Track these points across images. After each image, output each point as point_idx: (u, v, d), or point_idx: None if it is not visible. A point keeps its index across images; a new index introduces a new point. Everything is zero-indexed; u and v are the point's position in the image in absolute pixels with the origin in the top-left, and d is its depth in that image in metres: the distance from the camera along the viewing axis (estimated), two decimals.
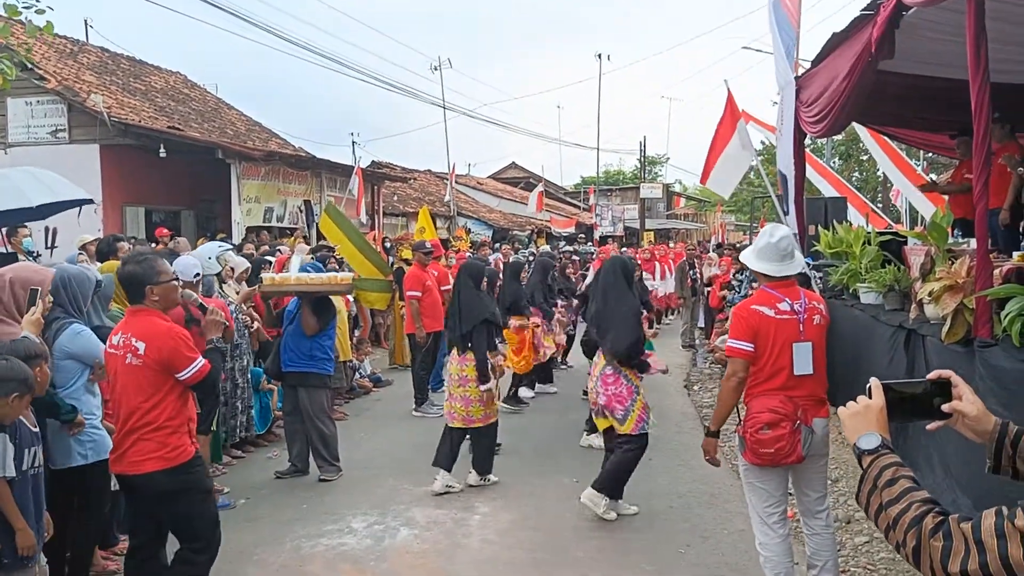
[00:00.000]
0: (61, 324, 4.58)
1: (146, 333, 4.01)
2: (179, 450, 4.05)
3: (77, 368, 4.60)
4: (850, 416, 1.86)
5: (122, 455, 4.07)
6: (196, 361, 4.06)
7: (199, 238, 14.31)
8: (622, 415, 5.94)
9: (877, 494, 1.68)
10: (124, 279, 4.20)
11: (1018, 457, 1.83)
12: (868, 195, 27.12)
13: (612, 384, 5.99)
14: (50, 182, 9.12)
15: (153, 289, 4.10)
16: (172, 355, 4.00)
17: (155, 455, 3.99)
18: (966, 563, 1.47)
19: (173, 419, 4.04)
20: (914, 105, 9.19)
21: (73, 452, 4.54)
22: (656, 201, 43.34)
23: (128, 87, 18.72)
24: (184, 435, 4.10)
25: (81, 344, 4.58)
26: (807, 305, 4.41)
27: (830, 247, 8.74)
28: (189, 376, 4.05)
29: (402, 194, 28.31)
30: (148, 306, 4.13)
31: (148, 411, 4.00)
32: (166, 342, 3.99)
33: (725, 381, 4.53)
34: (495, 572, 5.19)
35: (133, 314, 4.16)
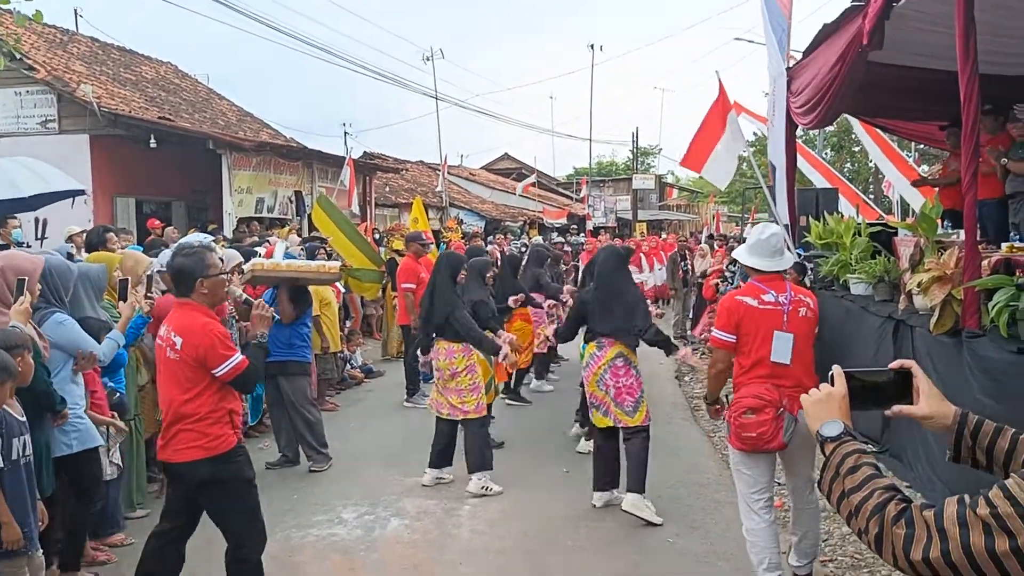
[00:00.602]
0: (43, 314, 4.58)
1: (184, 328, 4.00)
2: (220, 439, 4.05)
3: (61, 358, 4.59)
4: (813, 403, 1.86)
5: (167, 444, 4.11)
6: (231, 358, 4.03)
7: (190, 229, 14.27)
8: (632, 407, 5.91)
9: (839, 481, 1.69)
10: (174, 271, 4.15)
11: (977, 448, 1.83)
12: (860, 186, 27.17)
13: (623, 376, 5.94)
14: (43, 172, 9.10)
15: (203, 282, 4.09)
16: (207, 352, 3.97)
17: (196, 444, 4.02)
18: (928, 551, 1.47)
19: (213, 411, 4.05)
20: (905, 96, 9.20)
21: (58, 442, 4.54)
22: (649, 192, 43.39)
23: (118, 77, 18.63)
24: (226, 425, 4.10)
25: (63, 334, 4.57)
26: (792, 298, 4.53)
27: (821, 238, 8.76)
28: (224, 373, 4.02)
29: (394, 185, 28.26)
30: (196, 299, 4.10)
31: (185, 403, 4.02)
32: (202, 339, 3.97)
33: (709, 369, 4.79)
34: (485, 562, 5.21)
35: (179, 307, 4.15)
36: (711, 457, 7.47)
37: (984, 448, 1.82)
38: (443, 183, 28.17)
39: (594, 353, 6.07)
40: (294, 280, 7.03)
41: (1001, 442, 1.80)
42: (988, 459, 1.82)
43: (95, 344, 4.79)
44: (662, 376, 11.09)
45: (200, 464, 4.02)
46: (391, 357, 12.68)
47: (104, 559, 5.13)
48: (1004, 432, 1.81)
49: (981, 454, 1.83)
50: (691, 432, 8.40)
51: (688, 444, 7.89)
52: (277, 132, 24.12)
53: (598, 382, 5.99)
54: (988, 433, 1.82)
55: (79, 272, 4.96)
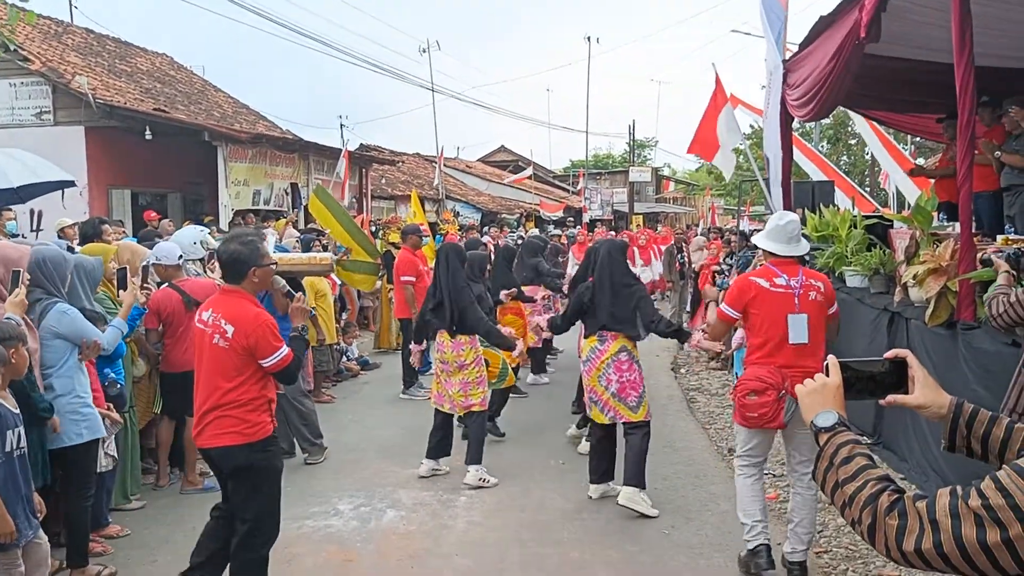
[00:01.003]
0: (45, 305, 4.59)
1: (236, 317, 4.03)
2: (258, 427, 4.12)
3: (66, 348, 4.63)
4: (807, 394, 1.86)
5: (203, 430, 4.14)
6: (280, 350, 4.09)
7: (185, 221, 14.24)
8: (636, 402, 5.89)
9: (833, 472, 1.69)
10: (228, 258, 4.16)
11: (972, 437, 1.84)
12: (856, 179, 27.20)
13: (627, 370, 5.92)
14: (33, 164, 9.06)
15: (256, 271, 4.15)
16: (259, 342, 4.02)
17: (234, 430, 4.07)
18: (920, 542, 1.48)
19: (255, 399, 4.11)
20: (902, 89, 9.20)
21: (70, 432, 4.56)
22: (645, 185, 43.36)
23: (113, 69, 18.55)
24: (264, 413, 4.16)
25: (67, 324, 4.60)
26: (803, 281, 4.70)
27: (816, 230, 8.76)
28: (272, 364, 4.08)
29: (390, 177, 28.21)
30: (245, 287, 4.15)
31: (230, 391, 4.06)
32: (254, 329, 4.02)
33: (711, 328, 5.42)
34: (481, 553, 5.21)
35: (226, 294, 4.18)
36: (707, 449, 7.49)
37: (979, 437, 1.82)
38: (439, 176, 28.13)
39: (595, 347, 6.01)
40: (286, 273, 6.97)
41: (996, 431, 1.80)
42: (983, 448, 1.82)
43: (99, 333, 4.83)
44: (658, 368, 11.11)
45: (237, 450, 4.09)
46: (386, 349, 12.67)
47: (100, 550, 5.12)
48: (999, 421, 1.81)
49: (976, 443, 1.83)
50: (687, 424, 8.41)
51: (684, 436, 7.90)
52: (273, 124, 24.05)
53: (599, 377, 5.94)
54: (983, 422, 1.82)
55: (75, 263, 4.95)
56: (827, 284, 4.82)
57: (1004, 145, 7.15)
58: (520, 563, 5.06)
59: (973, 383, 5.08)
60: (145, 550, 5.26)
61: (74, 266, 4.89)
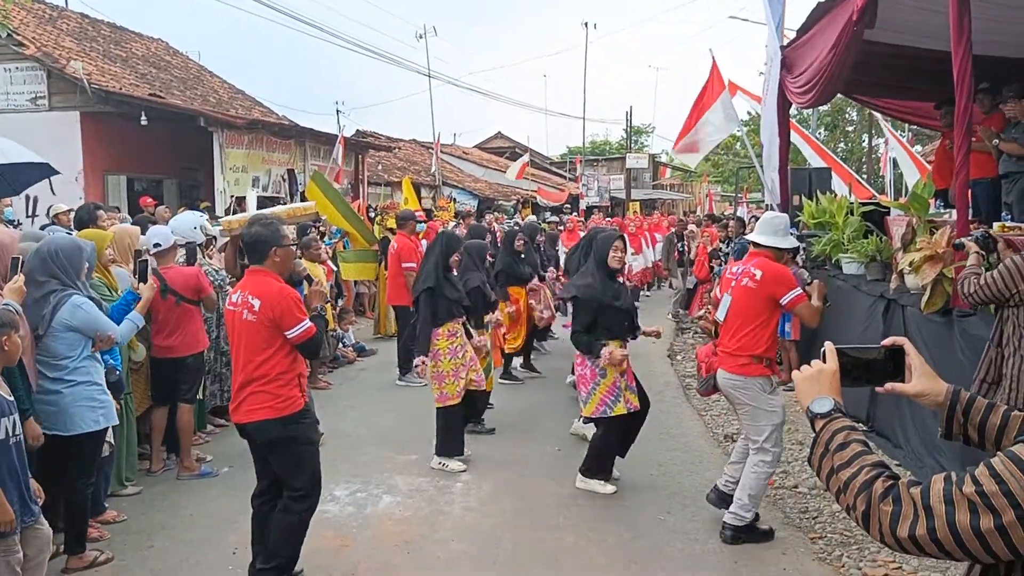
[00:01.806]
0: (60, 297, 4.56)
1: (262, 292, 4.21)
2: (290, 401, 4.27)
3: (79, 340, 4.64)
4: (803, 380, 1.86)
5: (239, 405, 4.31)
6: (303, 322, 4.24)
7: (181, 207, 14.21)
8: (585, 397, 5.94)
9: (829, 458, 1.69)
10: (251, 240, 4.33)
11: (969, 424, 1.84)
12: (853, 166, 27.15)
13: (579, 365, 6.02)
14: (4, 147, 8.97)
15: (277, 251, 4.32)
16: (284, 313, 4.18)
17: (267, 405, 4.23)
18: (914, 528, 1.48)
19: (285, 373, 4.25)
20: (901, 76, 9.18)
21: (87, 419, 4.59)
22: (642, 171, 43.29)
23: (109, 54, 18.47)
24: (295, 387, 4.31)
25: (82, 318, 4.60)
26: (745, 269, 5.10)
27: (813, 217, 8.77)
28: (296, 335, 4.22)
29: (387, 163, 28.15)
30: (268, 267, 4.33)
31: (260, 364, 4.22)
32: (279, 301, 4.18)
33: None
34: (476, 539, 5.22)
35: (252, 274, 4.36)
36: (702, 436, 7.50)
37: (976, 425, 1.82)
38: (436, 162, 28.07)
39: None
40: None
41: (993, 419, 1.80)
42: (980, 436, 1.83)
43: (113, 326, 4.85)
44: (654, 355, 11.11)
45: (270, 424, 4.24)
46: (383, 336, 12.67)
47: (97, 536, 5.13)
48: (996, 409, 1.82)
49: (973, 431, 1.83)
50: (683, 411, 8.43)
51: (680, 423, 7.91)
52: (269, 110, 23.97)
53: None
54: (980, 410, 1.82)
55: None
56: (771, 274, 4.97)
57: (1003, 133, 7.14)
58: (515, 548, 5.07)
59: (968, 370, 5.09)
60: (142, 535, 5.26)
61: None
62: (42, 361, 4.51)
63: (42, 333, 4.47)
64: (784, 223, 5.26)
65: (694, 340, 12.25)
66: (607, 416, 5.84)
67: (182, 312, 6.21)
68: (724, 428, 7.51)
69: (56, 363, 4.54)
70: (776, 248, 5.12)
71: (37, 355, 4.49)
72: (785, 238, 5.18)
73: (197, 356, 6.47)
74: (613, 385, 5.84)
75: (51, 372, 4.53)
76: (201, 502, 5.88)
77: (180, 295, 6.16)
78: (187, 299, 6.22)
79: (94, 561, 4.77)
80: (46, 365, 4.53)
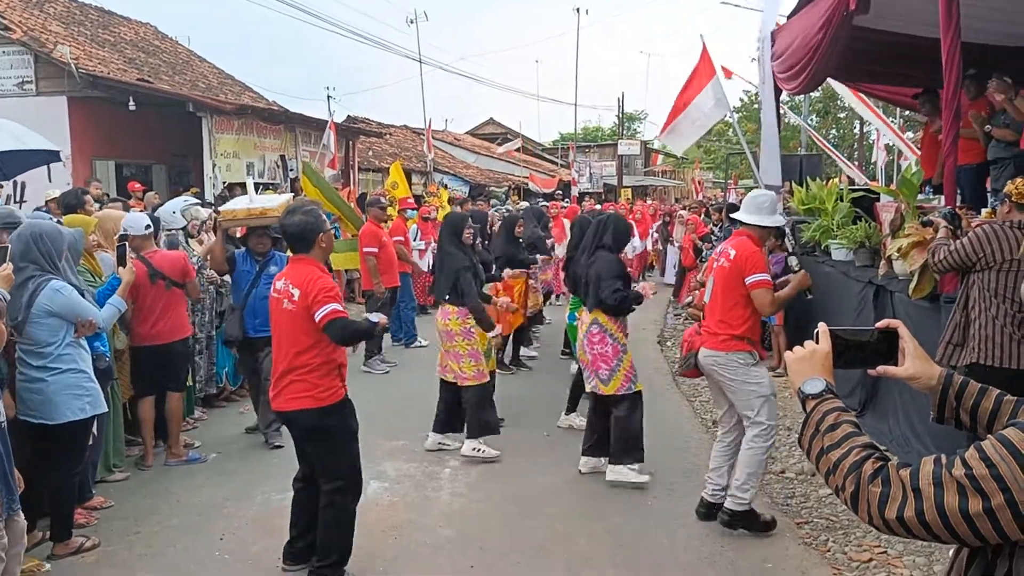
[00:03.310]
0: (39, 282, 4.51)
1: (302, 281, 4.21)
2: (330, 391, 4.30)
3: (61, 325, 4.57)
4: (796, 360, 1.85)
5: (279, 392, 4.32)
6: (327, 305, 4.17)
7: (171, 193, 14.15)
8: (607, 375, 5.86)
9: (819, 438, 1.68)
10: (296, 229, 4.29)
11: (961, 409, 1.84)
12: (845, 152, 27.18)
13: (598, 343, 5.92)
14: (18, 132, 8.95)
15: (322, 237, 4.33)
16: (313, 300, 4.18)
17: (307, 394, 4.24)
18: (903, 510, 1.48)
19: (325, 363, 4.27)
20: (890, 62, 9.16)
21: (73, 407, 4.55)
22: (634, 158, 43.21)
23: (96, 38, 18.33)
24: (335, 378, 4.33)
25: (61, 302, 4.53)
26: (722, 250, 5.14)
27: (803, 203, 8.76)
28: (319, 318, 4.17)
29: (377, 149, 28.03)
30: (314, 255, 4.33)
31: (300, 354, 4.23)
32: (312, 288, 4.18)
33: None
34: (464, 525, 5.23)
35: (296, 262, 4.39)
36: (691, 421, 7.52)
37: (968, 409, 1.82)
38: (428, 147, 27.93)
39: (581, 319, 6.19)
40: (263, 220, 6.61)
41: (985, 403, 1.80)
42: (972, 420, 1.82)
43: (95, 311, 4.75)
44: (644, 342, 11.12)
45: (310, 413, 4.25)
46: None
47: (84, 522, 5.12)
48: (988, 393, 1.82)
49: (965, 415, 1.83)
50: (672, 396, 8.45)
51: (668, 408, 7.93)
52: (259, 95, 23.83)
53: (583, 348, 6.03)
54: (972, 394, 1.82)
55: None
56: (741, 254, 4.93)
57: (993, 119, 7.14)
58: (503, 535, 5.08)
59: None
60: (129, 521, 5.26)
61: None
62: (25, 349, 4.47)
63: (21, 319, 4.42)
64: (769, 200, 5.18)
65: (683, 327, 12.26)
66: (631, 392, 5.88)
67: (169, 297, 6.17)
68: (712, 414, 7.52)
69: (39, 351, 4.49)
70: (758, 226, 5.06)
71: (19, 343, 4.45)
72: (769, 216, 5.08)
73: (183, 342, 6.43)
74: (632, 361, 5.98)
75: (35, 360, 4.48)
76: (189, 488, 5.87)
77: (169, 279, 6.12)
78: (176, 283, 6.18)
79: (80, 547, 4.76)
80: (29, 353, 4.48)
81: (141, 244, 6.13)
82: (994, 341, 4.55)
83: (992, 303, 4.57)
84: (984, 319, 4.59)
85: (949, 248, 4.77)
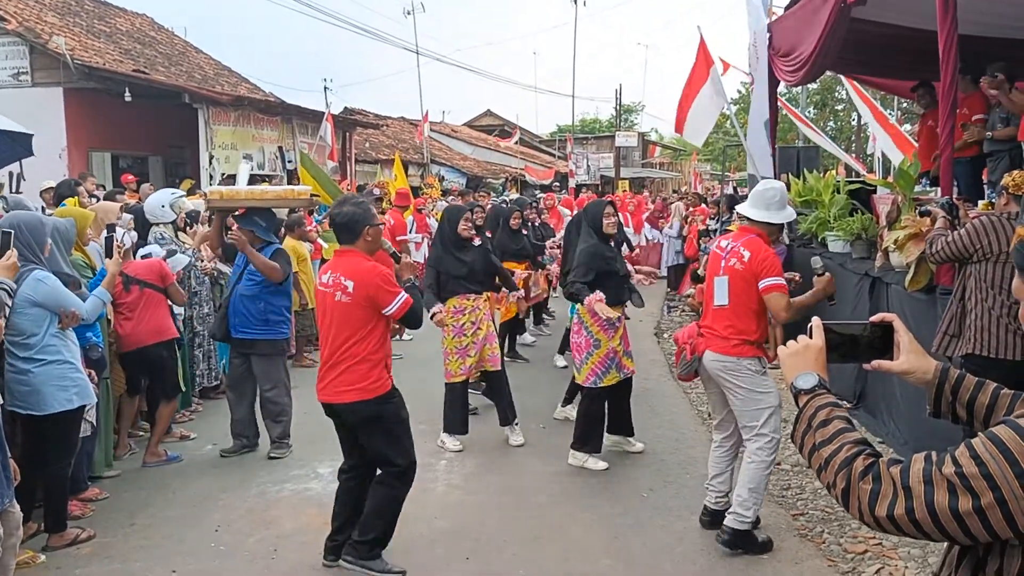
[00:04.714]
0: (21, 272, 4.48)
1: (354, 272, 4.23)
2: (379, 383, 4.31)
3: (43, 316, 4.51)
4: (789, 355, 1.84)
5: (327, 385, 4.35)
6: (399, 296, 4.26)
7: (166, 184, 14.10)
8: (579, 365, 6.08)
9: (811, 434, 1.67)
10: (343, 219, 4.31)
11: (958, 403, 1.82)
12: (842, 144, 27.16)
13: (576, 333, 6.10)
14: None
15: (369, 230, 4.33)
16: (377, 292, 4.21)
17: (356, 386, 4.26)
18: (893, 508, 1.47)
19: (374, 353, 4.29)
20: (889, 55, 9.15)
21: (60, 398, 4.52)
22: (631, 150, 43.10)
23: (92, 29, 18.26)
24: (383, 369, 4.35)
25: (44, 292, 4.48)
26: (732, 248, 4.72)
27: (800, 195, 8.76)
28: (394, 310, 4.25)
29: (374, 141, 27.98)
30: (359, 247, 4.34)
31: (352, 345, 4.25)
32: (372, 280, 4.21)
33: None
34: (460, 516, 5.23)
35: (341, 255, 4.39)
36: (687, 413, 7.53)
37: (964, 404, 1.81)
38: (426, 140, 27.89)
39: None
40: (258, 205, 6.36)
41: (982, 397, 1.80)
42: (969, 415, 1.82)
43: (78, 302, 4.68)
44: (641, 333, 11.10)
45: (360, 405, 4.29)
46: None
47: (79, 513, 5.12)
48: (985, 387, 1.81)
49: (961, 409, 1.82)
50: (668, 388, 8.45)
51: (665, 400, 7.93)
52: (256, 87, 23.76)
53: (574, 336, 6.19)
54: (969, 388, 1.81)
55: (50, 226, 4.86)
56: (756, 256, 4.57)
57: (988, 124, 7.13)
58: (499, 525, 5.09)
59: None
60: (124, 513, 5.26)
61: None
62: (10, 340, 4.42)
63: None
64: (777, 195, 4.75)
65: (681, 319, 12.27)
66: (595, 386, 5.96)
67: (148, 299, 6.05)
68: (709, 406, 7.52)
69: (24, 341, 4.45)
70: (768, 223, 4.72)
71: (6, 335, 4.42)
72: (780, 211, 4.75)
73: (167, 344, 6.19)
74: (606, 356, 5.94)
75: (20, 351, 4.45)
76: (184, 480, 5.87)
77: (143, 281, 6.03)
78: (151, 285, 6.08)
79: (75, 539, 4.76)
80: (15, 344, 4.45)
81: None
82: (990, 332, 4.57)
83: (988, 294, 4.58)
84: (980, 310, 4.61)
85: (946, 239, 4.77)
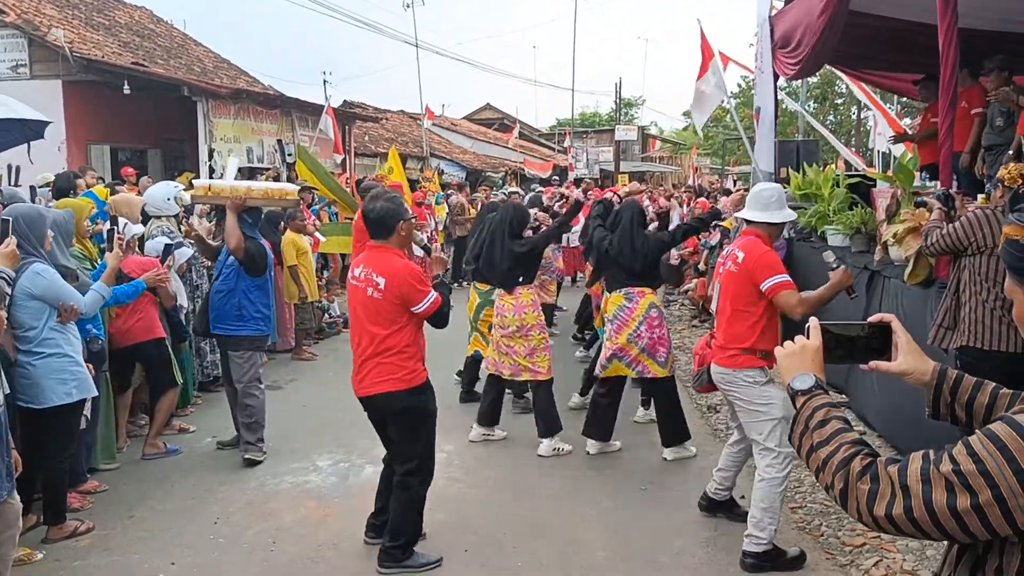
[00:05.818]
0: (21, 264, 4.48)
1: (387, 270, 4.25)
2: (415, 373, 4.36)
3: (42, 309, 4.51)
4: (786, 356, 1.83)
5: (363, 378, 4.40)
6: (429, 295, 4.30)
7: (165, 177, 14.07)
8: (664, 358, 5.99)
9: (808, 435, 1.67)
10: (377, 215, 4.30)
11: (956, 404, 1.81)
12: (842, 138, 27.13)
13: (657, 326, 6.00)
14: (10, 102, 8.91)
15: (402, 226, 4.34)
16: (409, 291, 4.24)
17: (393, 376, 4.31)
18: (891, 507, 1.47)
19: (410, 346, 4.34)
20: (889, 48, 9.14)
21: (59, 391, 4.52)
22: (631, 143, 43.11)
23: (91, 21, 18.22)
24: (419, 360, 4.40)
25: (42, 285, 4.48)
26: (730, 252, 4.72)
27: (800, 189, 8.74)
28: (424, 309, 4.29)
29: (374, 134, 27.93)
30: (392, 242, 4.35)
31: (387, 338, 4.29)
32: (404, 279, 4.23)
33: None
34: (459, 509, 5.24)
35: (373, 249, 4.37)
36: (686, 407, 7.49)
37: (963, 404, 1.80)
38: (424, 133, 27.86)
39: (623, 306, 6.05)
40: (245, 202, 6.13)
41: (980, 398, 1.79)
42: (968, 415, 1.81)
43: (77, 296, 4.66)
44: None
45: (396, 395, 4.33)
46: None
47: (78, 506, 5.12)
48: (984, 387, 1.80)
49: (960, 410, 1.81)
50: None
51: None
52: (255, 80, 23.70)
53: (631, 336, 5.96)
54: (967, 389, 1.80)
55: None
56: (751, 256, 4.47)
57: (988, 109, 7.12)
58: (497, 519, 5.09)
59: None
60: (123, 505, 5.27)
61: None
62: (9, 332, 4.43)
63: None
64: (774, 194, 4.69)
65: (680, 312, 12.27)
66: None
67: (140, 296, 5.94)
68: (708, 400, 7.53)
69: (23, 334, 4.46)
70: (767, 223, 4.62)
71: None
72: (778, 211, 4.66)
73: (156, 343, 6.15)
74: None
75: (20, 344, 4.46)
76: (183, 473, 5.88)
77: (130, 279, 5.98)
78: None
79: (75, 531, 4.77)
80: (14, 337, 4.44)
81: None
82: (984, 324, 4.57)
83: (983, 287, 4.58)
84: (975, 302, 4.62)
85: (941, 232, 4.77)
